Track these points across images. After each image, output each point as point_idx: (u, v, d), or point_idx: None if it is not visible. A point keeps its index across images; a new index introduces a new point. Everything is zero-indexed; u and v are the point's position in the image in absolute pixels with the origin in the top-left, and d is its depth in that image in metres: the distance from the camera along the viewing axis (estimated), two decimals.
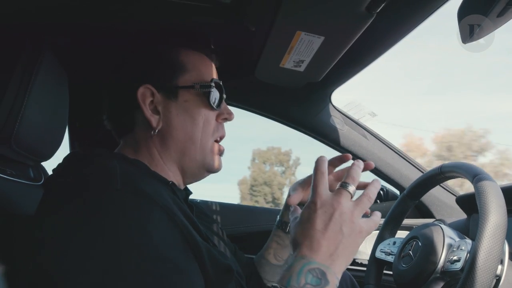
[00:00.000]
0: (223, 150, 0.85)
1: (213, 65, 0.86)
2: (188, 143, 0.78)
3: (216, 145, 0.82)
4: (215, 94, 0.80)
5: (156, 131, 0.76)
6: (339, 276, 0.60)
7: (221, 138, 0.84)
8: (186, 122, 0.78)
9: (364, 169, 0.88)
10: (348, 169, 0.67)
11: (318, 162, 0.66)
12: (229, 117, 0.85)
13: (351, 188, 0.63)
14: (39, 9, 0.80)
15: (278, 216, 0.98)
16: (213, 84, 0.80)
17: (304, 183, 0.90)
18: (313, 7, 0.79)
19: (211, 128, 0.80)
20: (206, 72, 0.82)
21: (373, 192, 0.65)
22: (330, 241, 0.59)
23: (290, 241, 0.64)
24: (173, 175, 0.79)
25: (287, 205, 0.95)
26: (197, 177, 0.84)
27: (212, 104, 0.79)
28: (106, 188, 0.61)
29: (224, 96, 0.84)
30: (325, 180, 0.64)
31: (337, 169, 0.90)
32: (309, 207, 0.62)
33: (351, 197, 0.63)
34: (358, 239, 0.62)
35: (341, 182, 0.64)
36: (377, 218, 0.65)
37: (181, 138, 0.77)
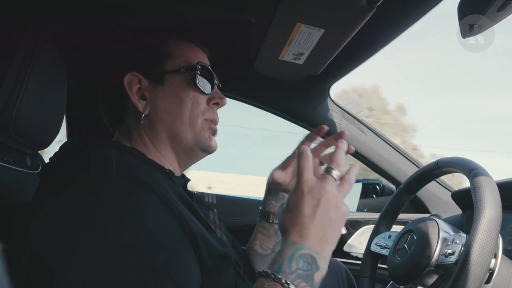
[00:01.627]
0: (216, 129, 0.84)
1: (203, 53, 0.86)
2: (177, 124, 0.78)
3: (206, 123, 0.81)
4: (203, 77, 0.80)
5: (143, 116, 0.76)
6: (328, 261, 0.60)
7: (214, 122, 0.83)
8: (173, 105, 0.78)
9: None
10: (332, 153, 0.67)
11: (301, 148, 0.65)
12: (220, 101, 0.84)
13: (336, 173, 0.63)
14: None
15: (260, 207, 0.99)
16: (198, 66, 0.79)
17: (283, 165, 0.91)
18: None
19: (200, 109, 0.80)
20: (192, 57, 0.82)
21: (352, 178, 0.66)
22: (319, 226, 0.60)
23: (279, 227, 0.64)
24: (168, 162, 0.79)
25: (267, 196, 0.96)
26: (192, 158, 0.83)
27: (200, 87, 0.79)
28: (101, 176, 0.61)
29: (216, 82, 0.83)
30: (310, 165, 0.63)
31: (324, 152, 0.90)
32: (296, 194, 0.62)
33: (336, 182, 0.63)
34: (342, 223, 0.63)
35: (326, 167, 0.64)
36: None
37: (168, 119, 0.77)
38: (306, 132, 0.93)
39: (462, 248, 0.82)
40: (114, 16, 0.87)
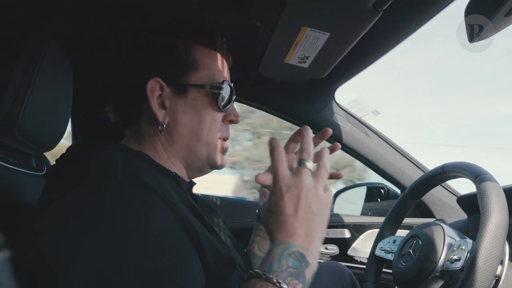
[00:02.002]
0: (227, 148, 0.84)
1: (226, 65, 0.85)
2: (193, 140, 0.78)
3: (220, 142, 0.81)
4: (224, 96, 0.79)
5: (164, 126, 0.75)
6: (317, 256, 0.60)
7: (225, 139, 0.83)
8: (192, 120, 0.77)
9: (332, 151, 0.82)
10: (300, 144, 0.65)
11: (273, 144, 0.64)
12: (235, 119, 0.84)
13: (310, 164, 0.62)
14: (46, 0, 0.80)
15: (257, 211, 0.98)
16: (223, 86, 0.78)
17: (270, 168, 0.89)
18: (320, 3, 0.78)
19: (217, 127, 0.80)
20: (218, 72, 0.80)
21: (326, 161, 0.64)
22: (303, 223, 0.59)
23: (265, 228, 0.64)
24: (176, 169, 0.79)
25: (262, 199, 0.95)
26: (201, 172, 0.83)
27: (221, 106, 0.79)
28: (106, 178, 0.61)
29: (234, 97, 0.83)
30: (284, 161, 0.62)
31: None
32: (275, 194, 0.61)
33: (311, 173, 0.62)
34: (326, 212, 0.63)
35: (299, 160, 0.63)
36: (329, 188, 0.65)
37: (186, 134, 0.77)
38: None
39: (468, 254, 0.81)
40: (114, 16, 0.86)
